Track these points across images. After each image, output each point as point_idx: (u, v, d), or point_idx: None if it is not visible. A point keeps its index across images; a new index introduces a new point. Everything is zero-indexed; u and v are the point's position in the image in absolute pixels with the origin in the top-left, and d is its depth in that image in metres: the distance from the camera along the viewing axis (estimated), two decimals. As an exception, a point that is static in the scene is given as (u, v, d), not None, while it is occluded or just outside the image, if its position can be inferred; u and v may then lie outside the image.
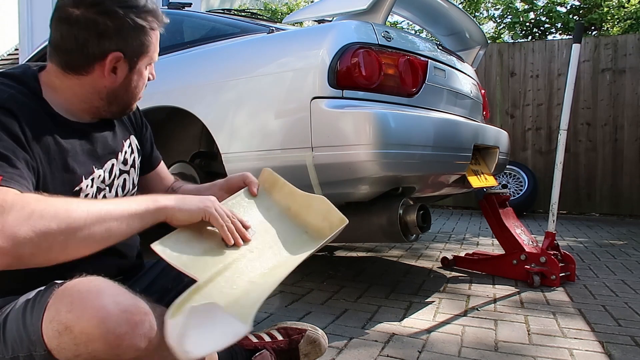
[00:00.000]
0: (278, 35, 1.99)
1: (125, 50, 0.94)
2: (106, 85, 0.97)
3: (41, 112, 0.91)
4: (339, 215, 1.04)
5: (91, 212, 0.78)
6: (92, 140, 1.00)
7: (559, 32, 7.62)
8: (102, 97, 0.98)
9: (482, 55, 2.77)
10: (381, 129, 1.65)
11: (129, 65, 0.97)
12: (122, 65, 0.96)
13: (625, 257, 2.95)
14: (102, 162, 1.02)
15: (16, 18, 10.09)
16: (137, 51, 0.96)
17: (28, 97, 0.90)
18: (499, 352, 1.43)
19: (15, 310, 0.81)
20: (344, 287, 2.13)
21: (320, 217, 1.05)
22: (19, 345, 0.78)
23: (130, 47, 0.95)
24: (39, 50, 2.98)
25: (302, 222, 1.04)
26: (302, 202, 1.07)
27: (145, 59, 0.99)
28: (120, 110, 1.03)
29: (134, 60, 0.97)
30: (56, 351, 0.74)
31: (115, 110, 1.02)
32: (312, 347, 1.20)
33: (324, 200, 1.06)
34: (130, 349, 0.73)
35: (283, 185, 1.09)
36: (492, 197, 2.47)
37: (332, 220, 1.04)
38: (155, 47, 1.00)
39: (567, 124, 2.32)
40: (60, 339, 0.73)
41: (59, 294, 0.75)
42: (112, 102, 0.99)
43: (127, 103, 1.03)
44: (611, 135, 5.29)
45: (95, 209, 0.79)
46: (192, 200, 0.92)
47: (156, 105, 2.04)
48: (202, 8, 8.05)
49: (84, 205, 0.79)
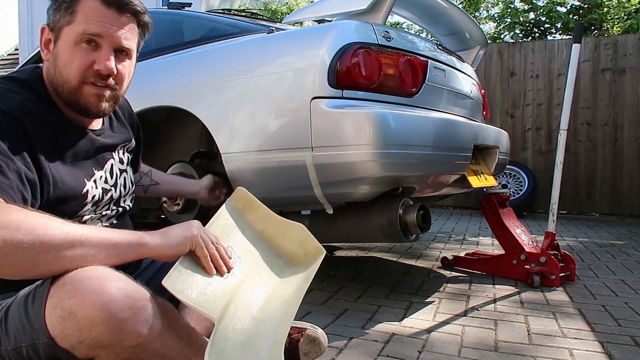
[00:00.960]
0: (278, 35, 1.99)
1: (49, 23, 0.93)
2: (46, 65, 0.94)
3: (47, 118, 0.91)
4: (316, 245, 1.02)
5: (69, 235, 0.76)
6: (95, 144, 1.01)
7: (559, 32, 7.62)
8: (50, 83, 0.94)
9: (482, 55, 2.77)
10: (381, 129, 1.65)
11: (54, 38, 0.92)
12: (52, 39, 0.93)
13: (625, 257, 2.95)
14: (102, 163, 1.03)
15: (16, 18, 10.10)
16: (58, 22, 0.91)
17: (36, 103, 0.90)
18: (499, 352, 1.43)
19: (16, 302, 0.81)
20: (344, 287, 2.13)
21: (297, 243, 1.02)
22: (22, 335, 0.78)
23: (54, 18, 0.92)
24: (38, 50, 2.98)
25: (275, 246, 1.02)
26: (278, 227, 1.04)
27: (68, 31, 0.90)
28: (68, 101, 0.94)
29: (56, 31, 0.92)
30: (60, 338, 0.74)
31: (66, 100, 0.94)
32: (312, 347, 1.20)
33: (302, 229, 1.03)
34: (132, 334, 0.74)
35: (258, 208, 1.06)
36: (492, 197, 2.47)
37: (308, 249, 1.01)
38: (86, 20, 0.90)
39: (567, 124, 2.32)
40: (64, 325, 0.73)
41: (61, 282, 0.75)
42: (55, 87, 0.93)
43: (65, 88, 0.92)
44: (611, 135, 5.29)
45: (75, 232, 0.77)
46: (177, 233, 0.87)
47: (156, 105, 2.04)
48: (202, 8, 8.06)
49: (66, 226, 0.77)
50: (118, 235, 0.82)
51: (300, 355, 1.19)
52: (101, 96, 0.95)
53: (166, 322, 0.79)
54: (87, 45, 0.91)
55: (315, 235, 2.04)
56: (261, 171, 1.84)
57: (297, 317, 1.70)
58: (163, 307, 0.80)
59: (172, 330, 0.81)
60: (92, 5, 0.90)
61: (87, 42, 0.91)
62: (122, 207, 1.09)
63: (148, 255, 0.85)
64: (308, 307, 1.83)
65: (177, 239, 0.86)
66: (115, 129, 1.11)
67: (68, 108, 0.96)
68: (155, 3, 8.32)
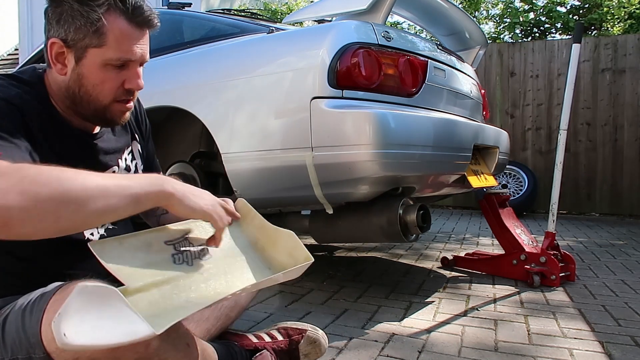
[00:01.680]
0: (278, 35, 1.99)
1: (65, 38, 0.89)
2: (59, 77, 0.93)
3: (44, 117, 0.91)
4: (305, 253, 0.99)
5: (87, 185, 0.73)
6: (93, 149, 1.00)
7: (559, 32, 7.61)
8: (67, 96, 0.93)
9: (482, 55, 2.77)
10: (381, 129, 1.65)
11: (75, 57, 0.90)
12: (68, 56, 0.91)
13: (625, 257, 2.95)
14: (102, 170, 1.01)
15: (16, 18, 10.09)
16: (80, 41, 0.89)
17: (35, 101, 0.90)
18: (498, 352, 1.43)
19: (14, 311, 0.81)
20: (344, 287, 2.13)
21: (286, 253, 1.00)
22: (18, 348, 0.78)
23: (71, 35, 0.89)
24: (38, 50, 2.98)
25: (267, 257, 1.01)
26: (271, 236, 1.02)
27: (95, 53, 0.89)
28: (93, 115, 0.95)
29: (78, 51, 0.89)
30: (55, 354, 0.74)
31: (87, 113, 0.95)
32: (312, 347, 1.20)
33: (291, 236, 1.01)
34: (129, 351, 0.73)
35: (254, 217, 1.04)
36: (492, 197, 2.47)
37: (297, 258, 0.99)
38: (115, 43, 0.89)
39: (567, 124, 2.32)
40: None
41: (58, 297, 0.75)
42: (75, 101, 0.93)
43: (92, 106, 0.93)
44: (611, 135, 5.29)
45: (92, 182, 0.74)
46: (199, 197, 0.86)
47: (156, 105, 2.04)
48: (202, 8, 8.06)
49: (81, 176, 0.74)
50: (137, 184, 0.79)
51: (300, 356, 1.19)
52: (127, 110, 0.97)
53: (164, 336, 0.78)
54: (117, 67, 0.91)
55: (315, 236, 2.06)
56: (261, 171, 1.84)
57: (297, 317, 1.70)
58: None
59: (170, 343, 0.80)
60: (122, 27, 0.89)
61: (119, 66, 0.91)
62: None
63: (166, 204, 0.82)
64: (308, 307, 1.83)
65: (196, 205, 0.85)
66: (117, 131, 1.09)
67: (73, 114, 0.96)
68: (155, 3, 8.32)
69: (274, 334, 1.21)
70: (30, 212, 0.68)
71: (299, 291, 2.04)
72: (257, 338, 1.18)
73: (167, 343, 0.79)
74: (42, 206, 0.68)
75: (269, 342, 1.17)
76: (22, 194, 0.67)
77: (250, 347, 1.14)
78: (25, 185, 0.68)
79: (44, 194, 0.69)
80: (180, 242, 0.89)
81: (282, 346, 1.18)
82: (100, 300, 0.65)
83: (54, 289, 0.78)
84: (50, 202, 0.69)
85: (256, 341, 1.17)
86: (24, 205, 0.67)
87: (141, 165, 1.15)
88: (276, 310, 1.79)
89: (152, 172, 1.20)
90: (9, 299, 0.85)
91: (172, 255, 0.86)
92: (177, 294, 0.79)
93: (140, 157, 1.15)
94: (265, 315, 1.73)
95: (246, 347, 1.13)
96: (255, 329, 1.51)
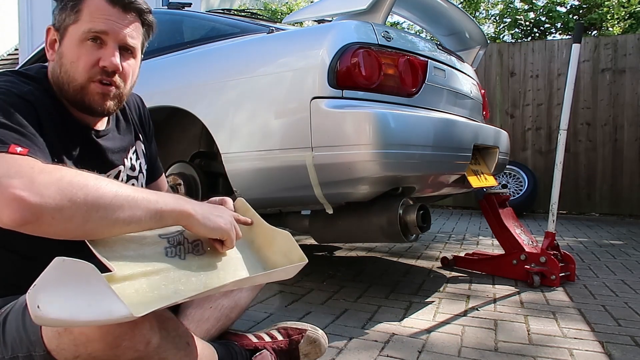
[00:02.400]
0: (278, 35, 1.99)
1: (55, 23, 0.94)
2: (51, 66, 0.95)
3: (54, 112, 0.92)
4: (299, 254, 0.99)
5: (119, 194, 0.76)
6: (98, 147, 1.01)
7: (559, 32, 7.62)
8: (55, 83, 0.94)
9: (482, 55, 2.77)
10: (381, 129, 1.65)
11: (59, 38, 0.93)
12: (57, 39, 0.94)
13: (625, 257, 2.95)
14: (108, 169, 1.02)
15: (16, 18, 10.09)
16: (64, 22, 0.92)
17: (43, 96, 0.91)
18: (498, 352, 1.43)
19: (15, 310, 0.81)
20: (344, 287, 2.13)
21: (281, 253, 1.00)
22: (19, 346, 0.78)
23: (59, 18, 0.93)
24: (38, 50, 2.98)
25: (262, 256, 1.01)
26: (267, 236, 1.02)
27: (73, 29, 0.91)
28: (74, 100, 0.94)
29: (62, 30, 0.93)
30: (56, 352, 0.74)
31: (71, 99, 0.94)
32: (312, 347, 1.20)
33: (288, 237, 1.02)
34: (129, 349, 0.73)
35: (252, 217, 1.04)
36: (492, 197, 2.47)
37: (292, 258, 0.99)
38: (91, 18, 0.90)
39: (567, 124, 2.32)
40: (60, 340, 0.73)
41: None
42: (60, 86, 0.94)
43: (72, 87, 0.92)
44: (611, 135, 5.29)
45: (124, 192, 0.77)
46: (218, 217, 0.89)
47: (156, 105, 2.04)
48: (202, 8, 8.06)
49: (114, 185, 0.77)
50: (163, 201, 0.82)
51: (300, 356, 1.19)
52: (106, 94, 0.94)
53: (164, 335, 0.78)
54: (93, 42, 0.91)
55: (315, 236, 2.06)
56: (261, 171, 1.84)
57: (297, 317, 1.70)
58: (161, 318, 0.79)
59: (171, 341, 0.80)
60: (98, 3, 0.91)
61: (92, 40, 0.91)
62: None
63: (184, 223, 0.85)
64: (308, 307, 1.83)
65: (215, 225, 0.87)
66: (122, 130, 1.09)
67: (72, 107, 0.96)
68: (155, 3, 8.32)
69: (273, 333, 1.21)
70: (63, 211, 0.70)
71: (299, 291, 2.04)
72: (257, 338, 1.18)
73: (167, 342, 0.79)
74: (75, 207, 0.71)
75: (269, 342, 1.17)
76: (59, 192, 0.69)
77: (250, 347, 1.14)
78: (64, 184, 0.70)
79: (80, 196, 0.71)
80: (174, 236, 0.89)
81: (282, 346, 1.18)
82: (78, 276, 0.63)
83: None
84: (83, 205, 0.71)
85: (256, 341, 1.17)
86: (59, 204, 0.69)
87: (145, 165, 1.15)
88: (276, 310, 1.79)
89: (154, 173, 1.22)
90: (9, 299, 0.86)
91: (164, 248, 0.86)
92: (165, 285, 0.79)
93: (144, 156, 1.16)
94: (265, 315, 1.73)
95: (246, 347, 1.13)
96: (255, 329, 1.51)
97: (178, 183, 2.17)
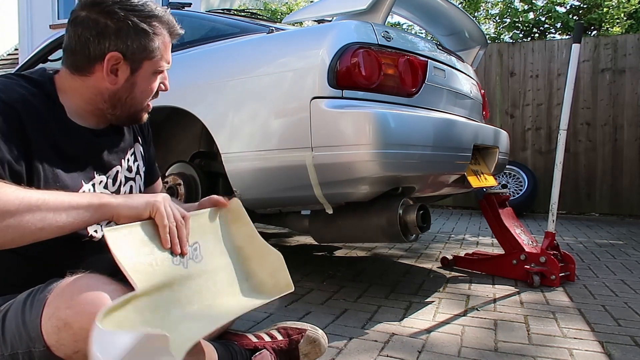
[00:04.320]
0: (278, 35, 1.99)
1: (124, 52, 0.95)
2: (108, 87, 0.97)
3: (49, 116, 0.92)
4: (287, 280, 1.00)
5: (25, 199, 0.75)
6: (97, 146, 1.02)
7: (559, 32, 7.62)
8: (105, 100, 0.98)
9: (481, 55, 2.77)
10: (381, 129, 1.65)
11: (131, 68, 0.97)
12: (123, 67, 0.96)
13: (625, 257, 2.95)
14: (106, 169, 1.03)
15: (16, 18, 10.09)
16: (138, 54, 0.96)
17: (40, 101, 0.91)
18: (498, 352, 1.43)
19: (14, 307, 0.81)
20: (344, 287, 2.13)
21: (269, 272, 1.00)
22: (18, 342, 0.78)
23: (131, 49, 0.95)
24: (38, 50, 2.98)
25: (248, 268, 1.00)
26: (258, 249, 1.02)
27: (149, 64, 0.98)
28: (126, 116, 1.03)
29: (135, 63, 0.97)
30: (55, 347, 0.74)
31: (121, 115, 1.02)
32: (312, 347, 1.20)
33: (279, 258, 1.01)
34: None
35: (246, 224, 1.03)
36: (492, 197, 2.47)
37: (278, 280, 0.99)
38: (162, 54, 1.00)
39: (566, 124, 2.32)
40: (60, 335, 0.73)
41: (58, 291, 0.75)
42: (116, 105, 0.99)
43: (132, 109, 1.02)
44: (611, 135, 5.29)
45: (30, 196, 0.77)
46: (140, 197, 0.89)
47: (156, 105, 2.03)
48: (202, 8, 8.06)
49: (20, 192, 0.77)
50: (78, 197, 0.83)
51: (300, 356, 1.19)
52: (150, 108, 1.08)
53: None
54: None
55: (315, 236, 2.06)
56: (261, 171, 1.84)
57: (297, 317, 1.70)
58: None
59: None
60: (166, 41, 1.01)
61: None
62: None
63: (108, 214, 0.85)
64: (308, 307, 1.83)
65: (139, 201, 0.88)
66: (120, 131, 1.10)
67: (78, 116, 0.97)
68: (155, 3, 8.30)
69: (273, 333, 1.21)
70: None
71: (299, 291, 2.04)
72: (256, 338, 1.18)
73: None
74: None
75: (269, 341, 1.17)
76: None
77: (250, 346, 1.14)
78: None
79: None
80: None
81: (281, 346, 1.18)
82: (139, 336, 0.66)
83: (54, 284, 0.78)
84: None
85: (256, 341, 1.17)
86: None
87: (143, 167, 1.16)
88: (276, 310, 1.79)
89: (152, 176, 1.23)
90: (8, 297, 0.86)
91: (170, 253, 0.87)
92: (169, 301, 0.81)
93: (142, 159, 1.16)
94: (265, 315, 1.73)
95: (246, 347, 1.13)
96: (255, 329, 1.51)
97: (178, 183, 2.17)
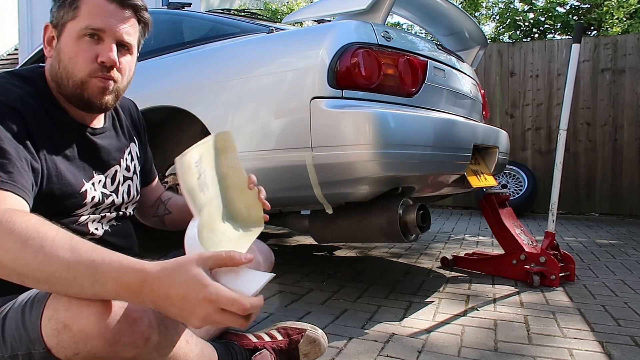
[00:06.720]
0: (278, 35, 1.99)
1: (52, 21, 0.96)
2: (49, 63, 0.96)
3: (46, 115, 0.92)
4: (260, 215, 1.05)
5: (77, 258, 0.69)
6: (95, 146, 1.02)
7: (559, 32, 7.62)
8: (53, 79, 0.96)
9: (481, 55, 2.77)
10: (381, 129, 1.65)
11: (57, 35, 0.95)
12: (53, 35, 0.96)
13: (625, 257, 2.95)
14: (105, 168, 1.03)
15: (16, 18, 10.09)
16: (62, 19, 0.94)
17: (35, 99, 0.91)
18: (498, 352, 1.43)
19: (14, 308, 0.81)
20: (344, 287, 2.13)
21: (244, 205, 1.04)
22: (18, 344, 0.78)
23: (56, 15, 0.95)
24: (38, 50, 2.98)
25: (227, 196, 1.02)
26: (239, 182, 1.04)
27: (71, 26, 0.93)
28: (72, 94, 0.94)
29: (59, 27, 0.95)
30: (55, 349, 0.74)
31: (69, 94, 0.95)
32: (311, 347, 1.20)
33: (256, 197, 1.06)
34: (128, 346, 0.73)
35: (234, 157, 1.04)
36: (492, 197, 2.47)
37: (251, 215, 1.04)
38: (89, 15, 0.92)
39: (566, 124, 2.32)
40: (59, 337, 0.73)
41: None
42: (58, 82, 0.95)
43: (71, 82, 0.93)
44: (611, 135, 5.29)
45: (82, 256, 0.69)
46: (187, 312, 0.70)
47: (156, 105, 2.04)
48: (202, 8, 8.05)
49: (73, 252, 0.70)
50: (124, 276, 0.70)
51: (300, 356, 1.19)
52: (105, 89, 0.96)
53: (163, 332, 0.78)
54: (90, 38, 0.93)
55: (315, 235, 2.06)
56: (261, 171, 1.83)
57: (297, 317, 1.70)
58: (160, 315, 0.79)
59: (170, 339, 0.80)
60: (95, 0, 0.93)
61: (90, 36, 0.93)
62: (122, 212, 1.09)
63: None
64: (308, 307, 1.83)
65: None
66: (117, 130, 1.11)
67: (70, 105, 0.97)
68: (155, 3, 8.32)
69: (273, 333, 1.21)
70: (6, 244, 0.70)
71: (299, 291, 2.04)
72: (256, 338, 1.18)
73: (166, 339, 0.79)
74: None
75: (269, 341, 1.17)
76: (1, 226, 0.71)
77: (249, 346, 1.14)
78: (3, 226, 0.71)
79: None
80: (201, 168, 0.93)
81: (281, 346, 1.18)
82: None
83: None
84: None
85: (256, 341, 1.17)
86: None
87: (139, 167, 1.16)
88: (276, 310, 1.79)
89: (149, 177, 1.24)
90: (8, 298, 0.86)
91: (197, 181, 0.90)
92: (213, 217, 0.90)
93: (138, 159, 1.16)
94: (265, 315, 1.73)
95: (246, 347, 1.13)
96: (254, 329, 1.51)
97: (178, 183, 2.17)
